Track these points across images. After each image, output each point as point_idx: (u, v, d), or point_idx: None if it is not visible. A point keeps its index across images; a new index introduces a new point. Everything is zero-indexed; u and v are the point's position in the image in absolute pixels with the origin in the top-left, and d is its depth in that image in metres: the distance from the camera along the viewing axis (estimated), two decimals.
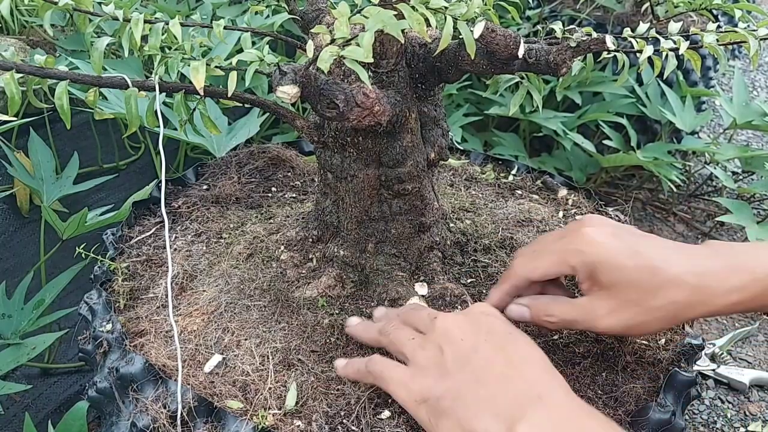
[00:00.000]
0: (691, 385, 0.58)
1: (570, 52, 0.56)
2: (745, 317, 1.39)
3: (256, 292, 0.66)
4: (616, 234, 0.55)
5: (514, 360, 0.49)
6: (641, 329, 0.54)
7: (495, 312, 0.54)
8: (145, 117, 0.60)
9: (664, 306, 0.52)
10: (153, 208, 0.82)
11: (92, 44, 0.56)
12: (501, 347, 0.50)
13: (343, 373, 0.57)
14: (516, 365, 0.48)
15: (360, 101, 0.53)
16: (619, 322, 0.54)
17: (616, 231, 0.55)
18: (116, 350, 0.60)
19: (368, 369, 0.54)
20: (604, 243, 0.54)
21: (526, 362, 0.49)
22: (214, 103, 1.13)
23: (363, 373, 0.55)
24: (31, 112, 1.06)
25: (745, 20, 0.63)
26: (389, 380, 0.52)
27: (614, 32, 0.61)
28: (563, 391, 0.48)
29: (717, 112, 2.15)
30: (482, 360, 0.49)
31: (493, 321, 0.53)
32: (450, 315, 0.54)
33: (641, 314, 0.53)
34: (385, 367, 0.53)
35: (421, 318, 0.55)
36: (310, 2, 0.68)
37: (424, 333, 0.54)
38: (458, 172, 0.92)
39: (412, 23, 0.46)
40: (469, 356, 0.49)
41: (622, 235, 0.55)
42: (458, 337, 0.51)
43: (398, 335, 0.55)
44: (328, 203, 0.68)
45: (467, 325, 0.52)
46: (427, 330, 0.53)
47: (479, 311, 0.54)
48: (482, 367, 0.48)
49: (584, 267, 0.55)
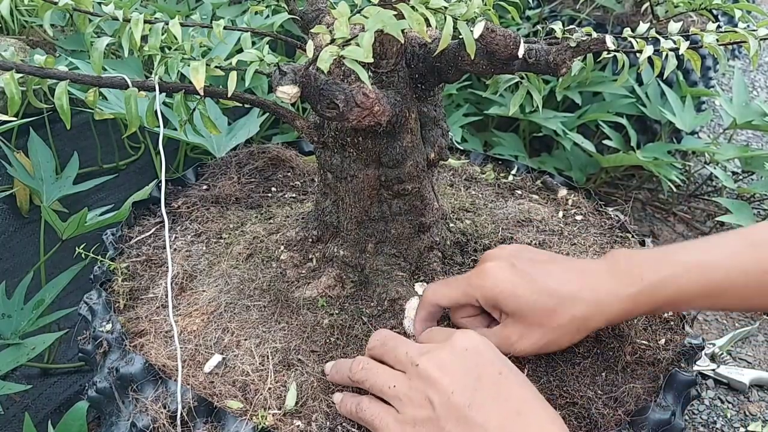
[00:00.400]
0: (691, 385, 0.58)
1: (570, 52, 0.56)
2: (745, 317, 1.39)
3: (256, 292, 0.66)
4: (514, 264, 0.58)
5: (509, 414, 0.48)
6: (553, 346, 0.58)
7: (480, 342, 0.52)
8: (145, 117, 0.60)
9: (566, 323, 0.56)
10: (153, 208, 0.81)
11: (92, 44, 0.56)
12: (494, 397, 0.49)
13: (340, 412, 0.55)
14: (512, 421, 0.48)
15: (360, 101, 0.53)
16: (531, 345, 0.57)
17: (514, 262, 0.58)
18: (116, 350, 0.60)
19: (359, 414, 0.52)
20: (500, 277, 0.58)
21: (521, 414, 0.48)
22: (214, 103, 1.13)
23: (355, 417, 0.53)
24: (31, 112, 1.06)
25: (745, 20, 0.63)
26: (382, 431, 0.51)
27: (614, 32, 0.61)
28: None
29: (717, 112, 2.15)
30: (476, 418, 0.47)
31: (480, 358, 0.51)
32: (433, 355, 0.51)
33: (548, 334, 0.57)
34: (375, 415, 0.51)
35: (400, 357, 0.53)
36: (310, 2, 0.68)
37: (406, 374, 0.51)
38: (458, 172, 0.92)
39: (412, 23, 0.46)
40: (463, 413, 0.48)
41: (520, 265, 0.58)
42: (448, 389, 0.48)
43: (374, 381, 0.53)
44: (328, 203, 0.68)
45: (455, 371, 0.50)
46: (409, 373, 0.51)
47: (463, 346, 0.51)
48: (478, 426, 0.47)
49: (486, 300, 0.58)
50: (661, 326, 0.66)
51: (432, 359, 0.51)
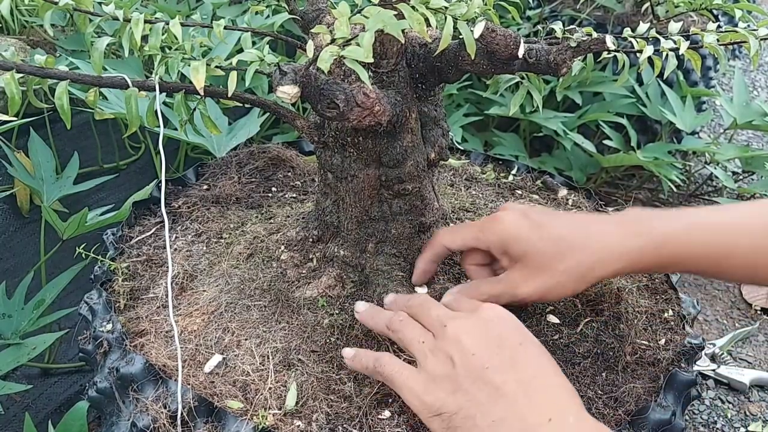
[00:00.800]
0: (691, 385, 0.58)
1: (570, 52, 0.56)
2: (745, 317, 1.39)
3: (257, 292, 0.66)
4: (525, 214, 0.60)
5: (525, 379, 0.49)
6: (556, 292, 0.59)
7: (505, 314, 0.54)
8: (145, 117, 0.60)
9: (571, 268, 0.57)
10: (153, 208, 0.82)
11: (92, 44, 0.56)
12: (512, 364, 0.50)
13: (351, 365, 0.57)
14: (527, 385, 0.49)
15: (360, 101, 0.53)
16: (535, 288, 0.58)
17: (525, 211, 0.61)
18: (116, 350, 0.60)
19: (377, 369, 0.54)
20: (512, 222, 0.60)
21: (537, 380, 0.49)
22: (214, 103, 1.13)
23: (371, 371, 0.55)
24: (31, 112, 1.06)
25: (746, 20, 0.63)
26: (400, 386, 0.52)
27: (614, 32, 0.61)
28: (574, 411, 0.48)
29: (717, 112, 2.15)
30: (493, 378, 0.49)
31: (503, 328, 0.53)
32: (460, 321, 0.53)
33: (552, 278, 0.58)
34: (395, 371, 0.53)
35: (431, 318, 0.55)
36: (310, 2, 0.68)
37: (434, 335, 0.54)
38: (458, 172, 0.92)
39: (412, 23, 0.46)
40: (481, 373, 0.49)
41: (530, 215, 0.60)
42: (470, 351, 0.51)
43: (406, 334, 0.55)
44: (328, 203, 0.68)
45: (478, 336, 0.52)
46: (437, 334, 0.53)
47: (490, 316, 0.54)
48: (494, 386, 0.49)
49: (497, 244, 0.60)
50: (661, 326, 0.66)
51: (459, 324, 0.53)
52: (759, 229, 0.56)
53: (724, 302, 1.44)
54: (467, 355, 0.50)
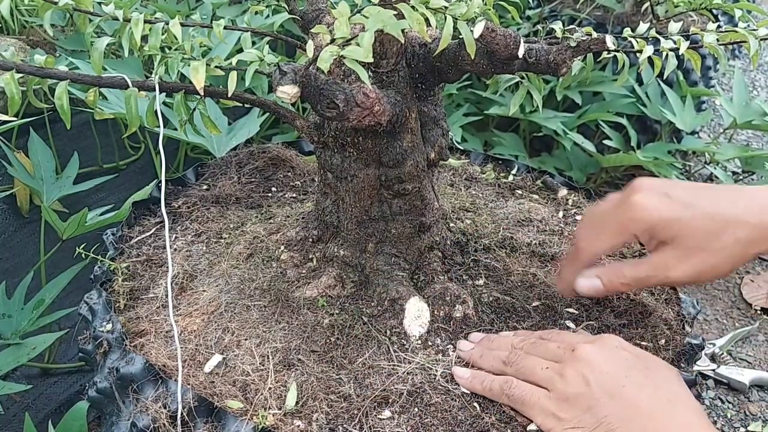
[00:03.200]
0: (692, 386, 0.58)
1: (570, 51, 0.56)
2: (745, 317, 1.39)
3: (256, 292, 0.66)
4: (666, 193, 0.57)
5: (662, 397, 0.50)
6: (713, 272, 0.56)
7: (627, 345, 0.55)
8: (145, 117, 0.60)
9: (729, 246, 0.55)
10: (153, 208, 0.82)
11: (92, 44, 0.56)
12: (645, 384, 0.51)
13: (468, 386, 0.56)
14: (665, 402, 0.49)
15: (360, 101, 0.53)
16: (690, 269, 0.56)
17: (665, 191, 0.57)
18: (116, 350, 0.60)
19: (505, 392, 0.54)
20: (655, 206, 0.57)
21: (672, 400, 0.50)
22: (214, 103, 1.13)
23: (497, 393, 0.55)
24: (31, 112, 1.06)
25: (745, 20, 0.63)
26: (532, 405, 0.52)
27: (614, 32, 0.61)
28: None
29: (717, 112, 2.15)
30: (630, 396, 0.50)
31: (628, 355, 0.53)
32: (588, 345, 0.54)
33: (710, 257, 0.55)
34: (525, 392, 0.53)
35: (551, 349, 0.56)
36: (310, 2, 0.68)
37: (558, 362, 0.54)
38: (458, 172, 0.92)
39: (412, 23, 0.46)
40: (618, 391, 0.50)
41: (672, 193, 0.57)
42: (604, 370, 0.51)
43: (527, 364, 0.55)
44: (328, 203, 0.68)
45: (609, 358, 0.53)
46: (564, 358, 0.54)
47: (614, 344, 0.54)
48: (632, 403, 0.49)
49: (643, 232, 0.57)
50: (661, 326, 0.66)
51: (588, 347, 0.53)
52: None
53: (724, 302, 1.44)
54: (602, 374, 0.51)
